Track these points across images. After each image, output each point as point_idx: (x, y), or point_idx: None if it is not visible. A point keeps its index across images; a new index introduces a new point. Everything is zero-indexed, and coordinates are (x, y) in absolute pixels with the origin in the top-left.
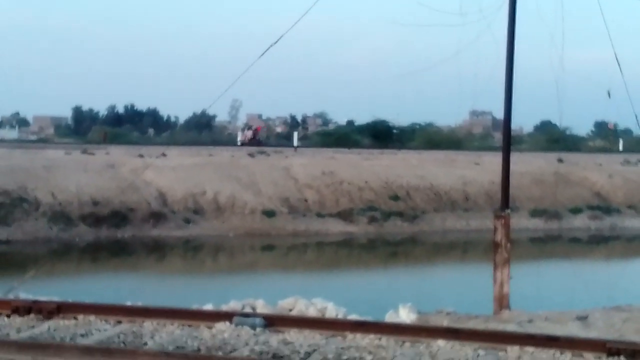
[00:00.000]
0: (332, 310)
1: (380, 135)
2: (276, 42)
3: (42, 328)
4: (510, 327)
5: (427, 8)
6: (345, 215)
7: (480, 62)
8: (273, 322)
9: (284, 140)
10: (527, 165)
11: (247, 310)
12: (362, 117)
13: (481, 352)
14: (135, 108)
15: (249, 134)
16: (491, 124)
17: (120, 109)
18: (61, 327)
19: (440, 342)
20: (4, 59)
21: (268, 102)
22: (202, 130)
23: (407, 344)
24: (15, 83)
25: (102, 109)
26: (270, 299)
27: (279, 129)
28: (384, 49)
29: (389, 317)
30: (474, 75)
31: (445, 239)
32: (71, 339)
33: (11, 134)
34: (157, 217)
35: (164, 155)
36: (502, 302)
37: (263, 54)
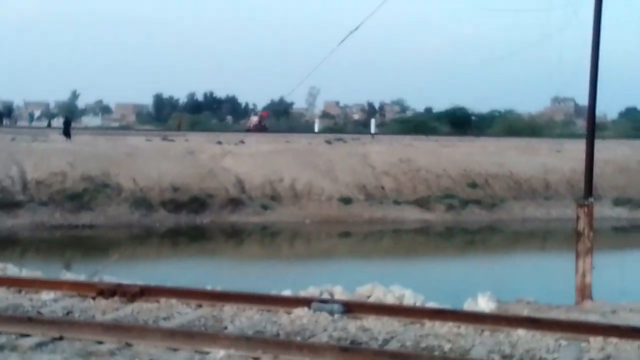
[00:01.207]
0: (410, 298)
1: (459, 123)
2: (356, 29)
3: (126, 310)
4: (593, 318)
5: None
6: (422, 203)
7: (564, 47)
8: (351, 308)
9: (361, 127)
10: (611, 152)
11: (325, 296)
12: (441, 104)
13: (563, 342)
14: (214, 95)
15: (255, 119)
16: (573, 111)
17: (200, 97)
18: (144, 310)
19: (521, 332)
20: (88, 48)
21: (346, 89)
22: (279, 118)
23: (487, 333)
24: (98, 72)
25: (182, 97)
26: (348, 285)
27: (356, 116)
28: (465, 34)
29: (468, 306)
30: (558, 60)
31: (525, 228)
32: (154, 321)
33: (95, 121)
34: (235, 203)
35: (242, 142)
36: (584, 292)
37: (342, 41)
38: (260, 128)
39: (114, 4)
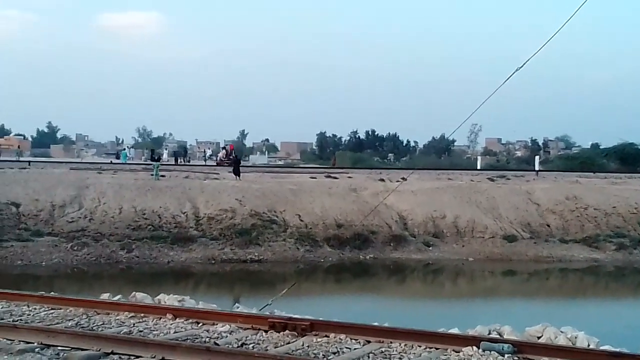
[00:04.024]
0: (584, 340)
1: (629, 159)
2: (521, 67)
3: (297, 344)
4: None
5: None
6: (590, 242)
7: None
8: (522, 349)
9: (525, 164)
10: None
11: (494, 335)
12: (608, 141)
13: None
14: (376, 133)
15: (223, 153)
16: None
17: (362, 135)
18: (314, 344)
19: None
20: (255, 90)
21: (508, 126)
22: (441, 155)
23: None
24: (264, 112)
25: (344, 135)
26: (515, 324)
27: (519, 153)
28: (632, 68)
29: None
30: None
31: None
32: (324, 356)
33: (261, 159)
34: (397, 240)
35: (404, 179)
36: None
37: (507, 79)
38: (229, 161)
39: (282, 51)
